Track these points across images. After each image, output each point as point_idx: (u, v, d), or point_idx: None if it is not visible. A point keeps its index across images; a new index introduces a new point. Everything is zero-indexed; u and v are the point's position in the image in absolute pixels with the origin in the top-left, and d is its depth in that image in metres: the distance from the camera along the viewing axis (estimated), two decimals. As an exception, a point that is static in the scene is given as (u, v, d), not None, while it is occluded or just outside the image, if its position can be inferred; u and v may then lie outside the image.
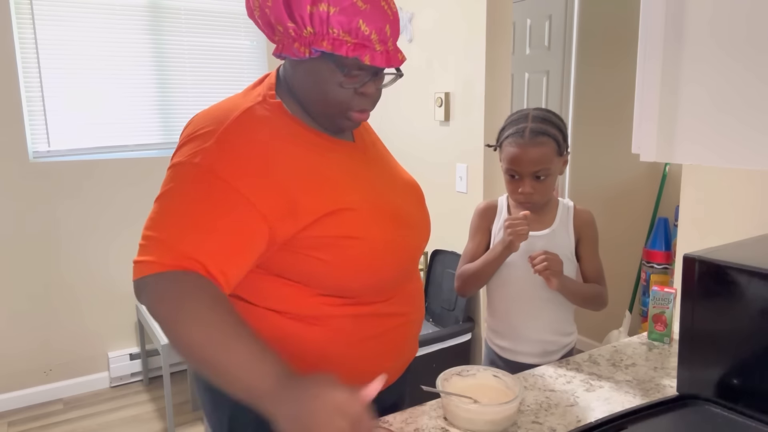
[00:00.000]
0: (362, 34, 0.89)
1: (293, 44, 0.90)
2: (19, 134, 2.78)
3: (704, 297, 1.00)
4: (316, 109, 0.98)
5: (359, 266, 0.97)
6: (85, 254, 2.99)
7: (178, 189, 0.90)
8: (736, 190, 1.49)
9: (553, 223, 1.40)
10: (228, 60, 3.26)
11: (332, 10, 0.87)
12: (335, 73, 0.92)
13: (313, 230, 0.93)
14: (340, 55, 0.90)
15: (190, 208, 0.88)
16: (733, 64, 0.72)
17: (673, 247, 3.10)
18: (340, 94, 0.95)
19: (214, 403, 1.05)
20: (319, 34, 0.88)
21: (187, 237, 0.86)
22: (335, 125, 1.01)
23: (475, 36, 2.34)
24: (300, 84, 0.97)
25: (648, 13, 0.79)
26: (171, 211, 0.89)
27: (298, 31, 0.90)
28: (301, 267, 0.95)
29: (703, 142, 0.76)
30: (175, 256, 0.85)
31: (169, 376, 2.56)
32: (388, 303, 1.04)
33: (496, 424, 1.01)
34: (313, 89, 0.96)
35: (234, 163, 0.89)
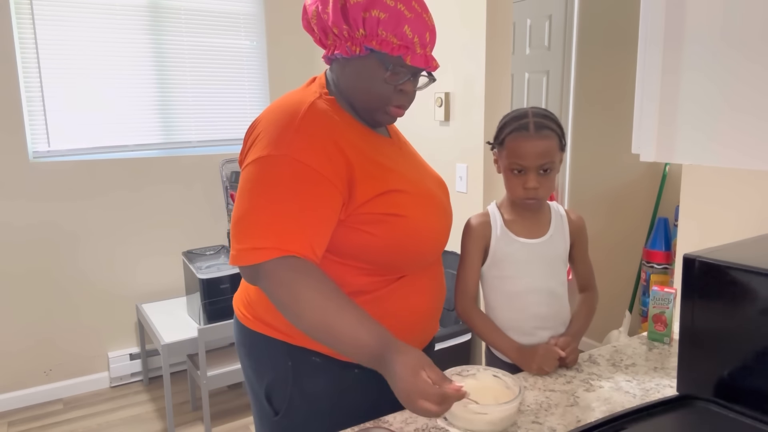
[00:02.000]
0: (407, 37, 1.04)
1: (346, 43, 1.05)
2: (19, 134, 2.78)
3: (704, 297, 1.00)
4: (360, 103, 1.11)
5: (403, 241, 1.09)
6: (85, 254, 2.99)
7: (273, 179, 1.00)
8: (736, 190, 1.49)
9: (549, 228, 1.38)
10: (228, 60, 3.26)
11: (382, 16, 1.02)
12: (380, 69, 1.06)
13: (368, 207, 1.06)
14: (386, 53, 1.04)
15: (288, 196, 0.99)
16: (732, 65, 0.72)
17: (673, 247, 3.10)
18: (383, 89, 1.08)
19: (255, 366, 1.19)
20: (370, 35, 1.03)
21: (290, 222, 0.99)
22: (375, 119, 1.14)
23: (475, 36, 2.34)
24: (348, 80, 1.10)
25: (648, 13, 0.79)
26: (271, 200, 0.99)
27: (351, 33, 1.04)
28: (353, 241, 1.07)
29: (703, 142, 0.76)
30: (283, 240, 0.98)
31: (169, 376, 2.56)
32: (419, 279, 1.17)
33: (496, 424, 1.01)
34: (359, 84, 1.09)
35: (314, 150, 1.01)
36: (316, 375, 1.12)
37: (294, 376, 1.12)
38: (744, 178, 1.47)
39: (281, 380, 1.14)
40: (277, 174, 1.00)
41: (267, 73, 3.36)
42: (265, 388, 1.17)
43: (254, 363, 1.19)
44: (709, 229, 1.57)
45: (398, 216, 1.08)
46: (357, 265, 1.09)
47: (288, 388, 1.13)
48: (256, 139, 1.05)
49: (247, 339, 1.19)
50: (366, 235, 1.06)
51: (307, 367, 1.12)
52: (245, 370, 1.24)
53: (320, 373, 1.12)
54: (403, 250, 1.10)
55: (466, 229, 1.39)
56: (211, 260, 2.79)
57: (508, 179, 1.34)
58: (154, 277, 3.17)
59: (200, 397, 2.68)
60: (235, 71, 3.30)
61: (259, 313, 1.16)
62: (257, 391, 1.20)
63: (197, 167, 3.19)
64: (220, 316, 2.59)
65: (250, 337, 1.18)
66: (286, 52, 3.37)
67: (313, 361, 1.11)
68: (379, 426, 1.02)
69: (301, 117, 1.03)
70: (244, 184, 1.02)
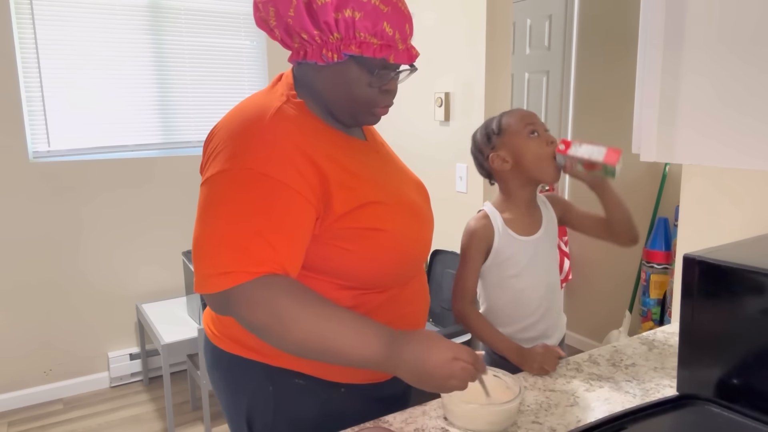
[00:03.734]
0: (387, 35, 0.93)
1: (321, 51, 0.94)
2: (19, 134, 2.78)
3: (704, 297, 1.00)
4: (342, 109, 1.01)
5: (382, 256, 1.01)
6: (85, 254, 2.99)
7: (237, 196, 0.89)
8: (736, 190, 1.49)
9: (542, 222, 1.40)
10: (228, 60, 3.26)
11: (357, 15, 0.90)
12: (362, 74, 0.97)
13: (344, 222, 0.96)
14: (368, 57, 0.94)
15: (255, 212, 0.89)
16: (733, 65, 0.72)
17: (673, 247, 3.10)
18: (367, 94, 0.99)
19: (231, 392, 1.09)
20: (346, 38, 0.92)
21: (259, 242, 0.88)
22: (359, 121, 1.05)
23: (475, 36, 2.34)
24: (325, 86, 1.00)
25: (648, 13, 0.79)
26: (237, 218, 0.89)
27: (324, 38, 0.93)
28: (329, 258, 0.98)
29: (703, 143, 0.76)
30: (252, 262, 0.87)
31: (169, 376, 2.56)
32: (400, 293, 1.08)
33: (496, 424, 1.01)
34: (340, 91, 0.99)
35: (281, 162, 0.91)
36: (300, 399, 1.04)
37: (276, 402, 1.03)
38: (744, 178, 1.47)
39: (262, 406, 1.04)
40: (240, 190, 0.89)
41: (267, 73, 3.36)
42: (246, 414, 1.07)
43: (231, 388, 1.09)
44: (709, 229, 1.57)
45: (378, 230, 0.99)
46: (335, 282, 1.01)
47: (270, 415, 1.04)
48: (215, 151, 0.94)
49: (220, 361, 1.09)
50: (343, 252, 0.97)
51: (290, 391, 1.03)
52: (220, 396, 1.13)
53: (305, 397, 1.04)
54: (384, 266, 1.02)
55: (469, 231, 1.38)
56: (211, 260, 2.79)
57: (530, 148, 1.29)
58: (154, 277, 3.17)
59: (200, 397, 2.67)
60: (235, 71, 3.29)
61: (232, 332, 1.05)
62: (235, 418, 1.10)
63: (197, 167, 3.17)
64: (220, 316, 2.58)
65: (223, 359, 1.08)
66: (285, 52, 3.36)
67: (296, 383, 1.03)
68: (379, 426, 1.01)
69: (266, 125, 0.93)
70: (204, 203, 0.91)
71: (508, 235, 1.35)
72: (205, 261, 0.89)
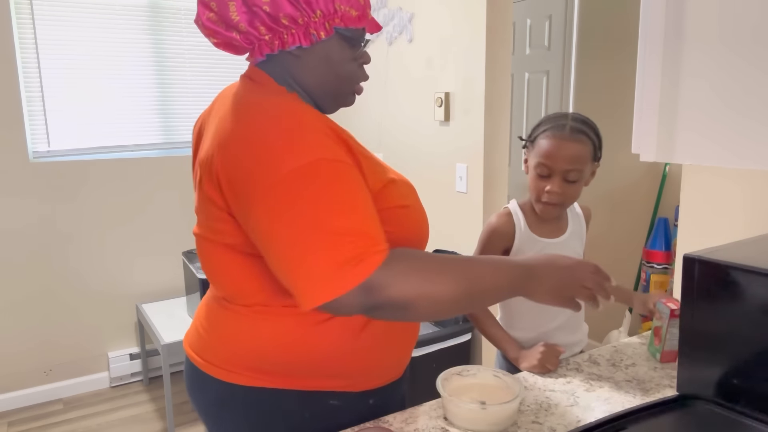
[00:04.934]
0: (359, 4, 0.95)
1: (309, 30, 0.91)
2: (19, 134, 2.78)
3: (704, 297, 1.00)
4: (326, 92, 1.00)
5: (412, 232, 1.01)
6: (85, 254, 2.99)
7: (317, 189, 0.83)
8: (736, 190, 1.49)
9: (567, 227, 1.37)
10: (228, 60, 3.25)
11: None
12: (344, 48, 0.97)
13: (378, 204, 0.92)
14: (351, 30, 0.95)
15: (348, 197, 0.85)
16: (733, 65, 0.72)
17: (673, 247, 3.10)
18: (350, 69, 0.99)
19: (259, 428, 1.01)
20: (328, 14, 0.91)
21: (370, 222, 0.85)
22: (342, 103, 1.03)
23: (475, 36, 2.34)
24: (307, 72, 0.97)
25: (648, 13, 0.79)
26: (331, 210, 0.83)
27: (306, 18, 0.91)
28: None
29: (703, 143, 0.76)
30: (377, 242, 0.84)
31: (169, 376, 2.56)
32: None
33: (496, 424, 1.01)
34: (325, 72, 0.97)
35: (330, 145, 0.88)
36: (336, 418, 1.00)
37: (313, 427, 0.99)
38: (744, 178, 1.47)
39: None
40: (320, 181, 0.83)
41: (267, 73, 3.36)
42: None
43: (256, 424, 1.00)
44: (709, 229, 1.56)
45: (404, 207, 0.99)
46: None
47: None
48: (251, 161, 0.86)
49: (237, 396, 0.99)
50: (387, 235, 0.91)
51: (325, 413, 1.00)
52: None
53: (340, 415, 1.01)
54: (414, 242, 1.00)
55: (489, 226, 1.34)
56: (211, 260, 2.79)
57: (533, 180, 1.28)
58: (153, 277, 3.16)
59: (200, 397, 2.67)
60: (235, 71, 3.29)
61: (252, 362, 0.97)
62: None
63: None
64: (220, 316, 2.58)
65: (241, 395, 0.99)
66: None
67: (331, 405, 1.00)
68: (379, 426, 1.01)
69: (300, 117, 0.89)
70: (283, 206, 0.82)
71: (530, 235, 1.31)
72: (323, 260, 0.80)
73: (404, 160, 2.85)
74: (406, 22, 2.77)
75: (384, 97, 2.97)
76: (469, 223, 2.47)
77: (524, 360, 1.26)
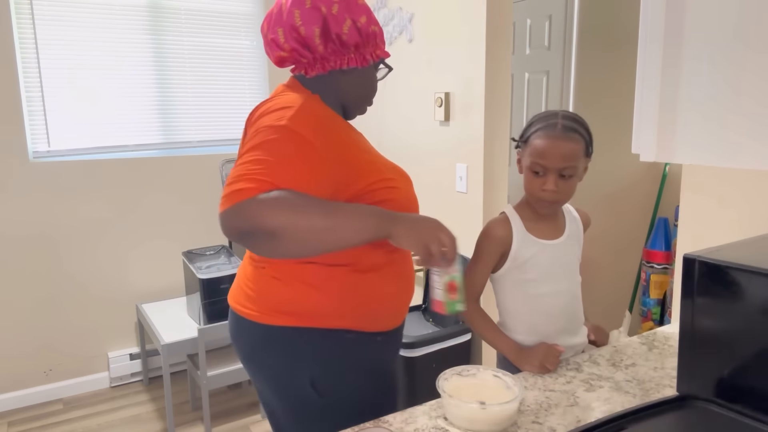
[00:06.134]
0: (383, 38, 1.28)
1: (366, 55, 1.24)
2: (19, 134, 2.78)
3: (704, 297, 1.00)
4: (357, 104, 1.32)
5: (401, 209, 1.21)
6: (85, 254, 2.99)
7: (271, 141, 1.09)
8: (736, 190, 1.50)
9: (565, 229, 1.37)
10: (228, 60, 3.26)
11: (376, 29, 1.25)
12: (374, 72, 1.31)
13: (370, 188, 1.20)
14: (383, 57, 1.29)
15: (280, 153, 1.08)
16: (732, 66, 0.72)
17: (673, 247, 3.10)
18: (375, 87, 1.33)
19: (291, 363, 1.23)
20: (373, 45, 1.25)
21: (282, 171, 1.06)
22: (359, 113, 1.34)
23: (475, 36, 2.34)
24: (349, 86, 1.28)
25: (648, 14, 0.79)
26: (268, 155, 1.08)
27: (364, 47, 1.24)
28: None
29: (703, 142, 0.76)
30: (273, 181, 1.04)
31: (169, 376, 2.56)
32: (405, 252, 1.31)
33: (496, 424, 1.01)
34: (362, 88, 1.30)
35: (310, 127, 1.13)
36: (352, 349, 1.23)
37: (336, 356, 1.22)
38: (744, 178, 1.48)
39: (325, 363, 1.22)
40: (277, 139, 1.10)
41: (267, 73, 3.36)
42: (309, 377, 1.22)
43: (292, 357, 1.22)
44: (709, 229, 1.57)
45: (395, 189, 1.24)
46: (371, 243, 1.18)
47: (333, 368, 1.23)
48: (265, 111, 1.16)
49: (272, 337, 1.23)
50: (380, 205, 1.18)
51: (343, 345, 1.23)
52: (275, 371, 1.25)
53: (355, 347, 1.24)
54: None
55: (486, 231, 1.34)
56: (211, 260, 2.79)
57: (528, 179, 1.29)
58: (154, 277, 3.17)
59: (200, 397, 2.67)
60: (235, 71, 3.29)
61: (286, 307, 1.21)
62: (295, 385, 1.23)
63: (197, 167, 3.19)
64: (220, 316, 2.59)
65: (276, 334, 1.22)
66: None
67: (346, 338, 1.22)
68: (379, 426, 1.02)
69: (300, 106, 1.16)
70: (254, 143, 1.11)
71: (527, 237, 1.31)
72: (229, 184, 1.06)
73: (404, 160, 2.85)
74: (406, 22, 2.77)
75: (384, 97, 2.97)
76: (469, 223, 2.47)
77: (524, 361, 1.26)
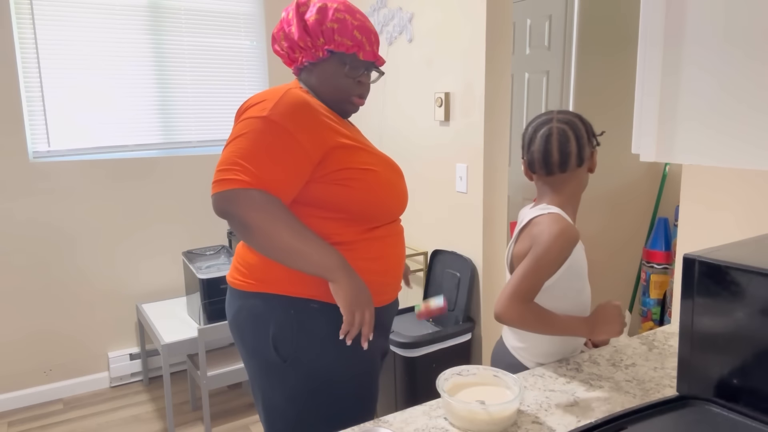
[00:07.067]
0: (356, 38, 1.35)
1: (312, 51, 1.35)
2: (19, 134, 2.78)
3: (704, 297, 1.00)
4: (330, 97, 1.38)
5: (377, 192, 1.33)
6: (85, 254, 2.99)
7: (254, 133, 1.23)
8: (736, 190, 1.50)
9: None
10: (228, 60, 3.26)
11: (335, 26, 1.33)
12: (340, 66, 1.37)
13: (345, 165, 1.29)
14: (343, 53, 1.35)
15: (264, 146, 1.22)
16: (733, 65, 0.72)
17: (673, 247, 3.10)
18: (344, 83, 1.38)
19: (257, 324, 1.34)
20: (328, 41, 1.34)
21: (264, 167, 1.21)
22: (342, 110, 1.41)
23: (475, 36, 2.34)
24: (318, 81, 1.38)
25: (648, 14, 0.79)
26: (251, 147, 1.22)
27: (314, 42, 1.34)
28: (333, 194, 1.29)
29: (703, 142, 0.76)
30: (256, 178, 1.20)
31: (169, 376, 2.56)
32: (388, 231, 1.38)
33: (496, 424, 1.01)
34: (327, 82, 1.37)
35: (292, 118, 1.24)
36: (316, 318, 1.31)
37: (298, 323, 1.30)
38: (744, 178, 1.48)
39: (287, 329, 1.31)
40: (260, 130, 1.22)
41: (267, 73, 3.36)
42: (272, 339, 1.32)
43: (258, 320, 1.33)
44: (709, 229, 1.57)
45: (369, 170, 1.32)
46: (337, 216, 1.31)
47: (294, 334, 1.31)
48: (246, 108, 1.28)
49: (245, 301, 1.35)
50: (342, 188, 1.29)
51: (307, 313, 1.31)
52: (244, 334, 1.37)
53: (320, 317, 1.31)
54: (377, 200, 1.33)
55: (568, 234, 1.24)
56: (211, 260, 2.79)
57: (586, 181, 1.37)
58: (154, 277, 3.17)
59: (200, 397, 2.68)
60: (235, 71, 3.29)
61: (259, 275, 1.33)
62: (261, 347, 1.33)
63: (197, 167, 3.19)
64: (220, 316, 2.59)
65: (249, 299, 1.34)
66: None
67: (312, 307, 1.31)
68: (379, 426, 1.02)
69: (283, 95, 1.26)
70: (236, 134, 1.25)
71: (579, 243, 1.30)
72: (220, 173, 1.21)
73: (404, 160, 2.85)
74: (406, 22, 2.77)
75: (384, 97, 2.97)
76: (469, 223, 2.47)
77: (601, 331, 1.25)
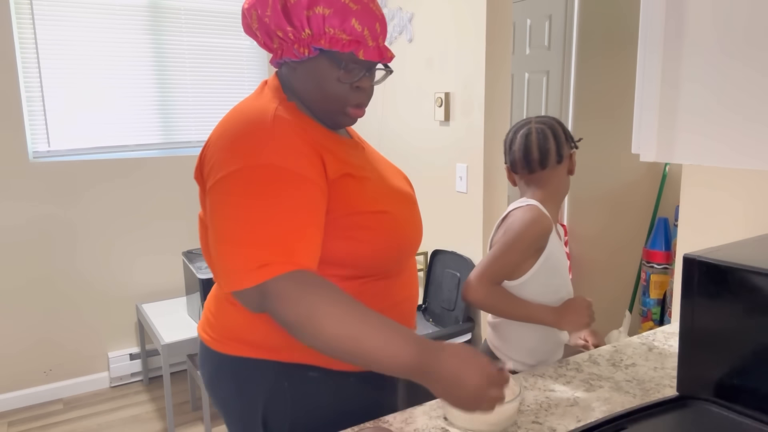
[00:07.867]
0: (356, 31, 0.97)
1: (293, 46, 0.98)
2: (19, 134, 2.78)
3: (704, 297, 1.00)
4: (317, 106, 1.04)
5: (387, 238, 1.04)
6: (85, 254, 2.99)
7: (260, 190, 0.91)
8: (736, 190, 1.49)
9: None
10: (228, 60, 3.26)
11: (327, 12, 0.95)
12: (333, 69, 1.00)
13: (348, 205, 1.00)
14: (337, 51, 0.97)
15: (282, 206, 0.91)
16: (733, 64, 0.72)
17: (673, 247, 3.10)
18: (338, 89, 1.01)
19: (242, 397, 1.08)
20: (317, 34, 0.96)
21: (293, 235, 0.90)
22: (335, 121, 1.07)
23: (475, 36, 2.34)
24: (301, 84, 1.03)
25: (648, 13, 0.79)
26: (267, 212, 0.90)
27: (297, 34, 0.97)
28: (338, 249, 1.00)
29: (703, 143, 0.76)
30: (289, 254, 0.89)
31: (169, 376, 2.56)
32: (397, 280, 1.10)
33: (496, 424, 1.01)
34: (314, 87, 1.02)
35: (294, 155, 0.94)
36: (315, 391, 1.05)
37: (292, 397, 1.04)
38: (744, 179, 1.47)
39: (279, 404, 1.05)
40: (263, 184, 0.91)
41: (267, 73, 3.36)
42: (261, 415, 1.06)
43: (242, 391, 1.07)
44: (709, 228, 1.57)
45: (382, 212, 1.03)
46: (340, 272, 1.02)
47: (288, 410, 1.05)
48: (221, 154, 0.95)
49: (225, 366, 1.08)
50: (350, 241, 1.00)
51: (304, 384, 1.05)
52: (226, 406, 1.11)
53: (319, 388, 1.05)
54: (388, 249, 1.05)
55: (532, 220, 1.25)
56: (211, 260, 2.79)
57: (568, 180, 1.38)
58: (154, 277, 3.17)
59: (200, 397, 2.67)
60: (235, 71, 3.29)
61: (236, 333, 1.06)
62: (248, 423, 1.08)
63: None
64: (220, 316, 2.58)
65: (228, 364, 1.07)
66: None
67: (310, 376, 1.05)
68: (379, 426, 1.01)
69: (271, 123, 0.96)
70: (226, 199, 0.92)
71: (556, 236, 1.31)
72: (239, 256, 0.89)
73: (404, 160, 2.85)
74: (406, 22, 2.77)
75: (384, 97, 2.97)
76: (469, 223, 2.47)
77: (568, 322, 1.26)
